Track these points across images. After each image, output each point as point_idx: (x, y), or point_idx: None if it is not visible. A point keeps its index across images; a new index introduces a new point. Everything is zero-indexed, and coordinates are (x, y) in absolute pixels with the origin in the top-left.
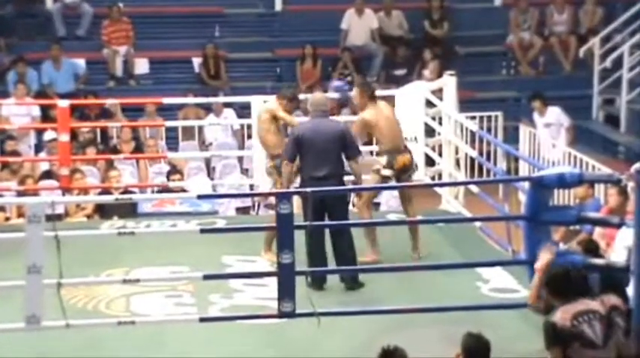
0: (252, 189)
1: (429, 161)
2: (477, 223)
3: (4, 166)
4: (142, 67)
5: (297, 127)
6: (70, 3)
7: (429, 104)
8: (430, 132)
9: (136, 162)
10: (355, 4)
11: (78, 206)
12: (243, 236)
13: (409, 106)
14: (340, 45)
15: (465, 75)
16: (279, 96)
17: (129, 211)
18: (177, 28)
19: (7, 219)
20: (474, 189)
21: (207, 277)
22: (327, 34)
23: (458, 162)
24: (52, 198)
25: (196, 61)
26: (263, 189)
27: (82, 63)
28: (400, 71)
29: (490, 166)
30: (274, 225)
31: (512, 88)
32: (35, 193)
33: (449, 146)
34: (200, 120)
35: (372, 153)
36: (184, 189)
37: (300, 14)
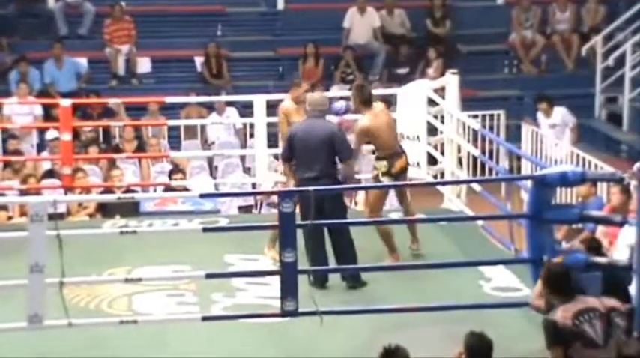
0: (254, 188)
1: (431, 159)
2: (480, 222)
3: (6, 165)
4: (144, 66)
5: (292, 127)
6: (72, 2)
7: (431, 102)
8: (432, 131)
9: (139, 161)
10: (357, 2)
11: (80, 205)
12: (245, 235)
13: (411, 105)
14: (342, 44)
15: (468, 73)
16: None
17: (131, 210)
18: (179, 26)
19: (10, 218)
20: (476, 187)
21: (209, 276)
22: (330, 32)
23: (460, 161)
24: (55, 197)
25: (198, 60)
26: (265, 188)
27: (84, 62)
28: (402, 70)
29: (492, 165)
30: (277, 223)
31: (515, 86)
32: (37, 192)
33: (451, 144)
34: (202, 119)
35: (373, 152)
36: (187, 188)
37: (302, 13)
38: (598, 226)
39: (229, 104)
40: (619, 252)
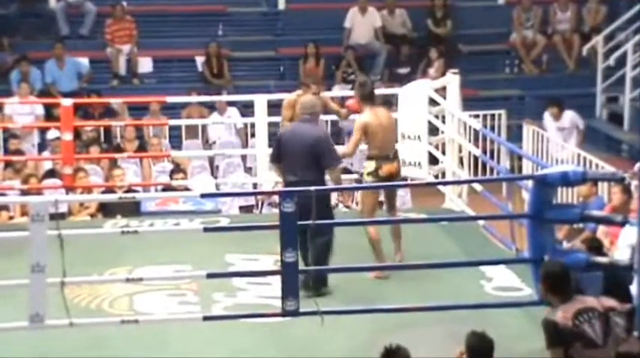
0: (255, 188)
1: (432, 159)
2: (481, 221)
3: (7, 165)
4: (145, 65)
5: (282, 129)
6: (74, 2)
7: (432, 102)
8: (433, 131)
9: (140, 161)
10: (358, 2)
11: (81, 205)
12: (246, 234)
13: (412, 105)
14: (343, 43)
15: (469, 73)
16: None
17: (132, 210)
18: (180, 26)
19: (11, 218)
20: (477, 187)
21: (210, 276)
22: (331, 32)
23: (461, 161)
24: (56, 197)
25: (200, 60)
26: (266, 188)
27: (85, 62)
28: (404, 69)
29: (494, 165)
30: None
31: (516, 86)
32: (38, 192)
33: (452, 144)
34: (204, 118)
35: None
36: (188, 188)
37: (304, 13)
38: (599, 226)
39: (230, 104)
40: (620, 252)
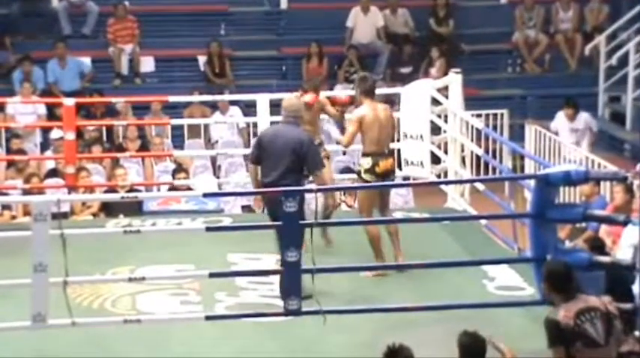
0: None
1: (434, 159)
2: (483, 221)
3: (9, 165)
4: (147, 65)
5: (263, 130)
6: (76, 1)
7: (434, 102)
8: (436, 130)
9: (142, 161)
10: (361, 2)
11: (84, 204)
12: (248, 234)
13: (415, 104)
14: (346, 43)
15: (471, 72)
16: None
17: (134, 209)
18: (182, 26)
19: (13, 217)
20: (479, 186)
21: (212, 275)
22: (333, 32)
23: (463, 160)
24: (58, 197)
25: (202, 59)
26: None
27: (87, 61)
28: (406, 69)
29: (496, 164)
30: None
31: (518, 85)
32: (41, 191)
33: (454, 144)
34: (206, 118)
35: None
36: (190, 188)
37: (306, 12)
38: (601, 225)
39: (233, 103)
40: (622, 251)
